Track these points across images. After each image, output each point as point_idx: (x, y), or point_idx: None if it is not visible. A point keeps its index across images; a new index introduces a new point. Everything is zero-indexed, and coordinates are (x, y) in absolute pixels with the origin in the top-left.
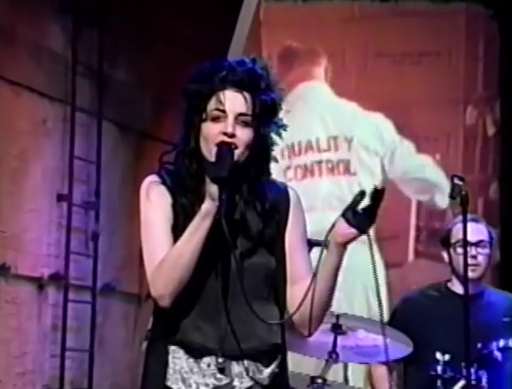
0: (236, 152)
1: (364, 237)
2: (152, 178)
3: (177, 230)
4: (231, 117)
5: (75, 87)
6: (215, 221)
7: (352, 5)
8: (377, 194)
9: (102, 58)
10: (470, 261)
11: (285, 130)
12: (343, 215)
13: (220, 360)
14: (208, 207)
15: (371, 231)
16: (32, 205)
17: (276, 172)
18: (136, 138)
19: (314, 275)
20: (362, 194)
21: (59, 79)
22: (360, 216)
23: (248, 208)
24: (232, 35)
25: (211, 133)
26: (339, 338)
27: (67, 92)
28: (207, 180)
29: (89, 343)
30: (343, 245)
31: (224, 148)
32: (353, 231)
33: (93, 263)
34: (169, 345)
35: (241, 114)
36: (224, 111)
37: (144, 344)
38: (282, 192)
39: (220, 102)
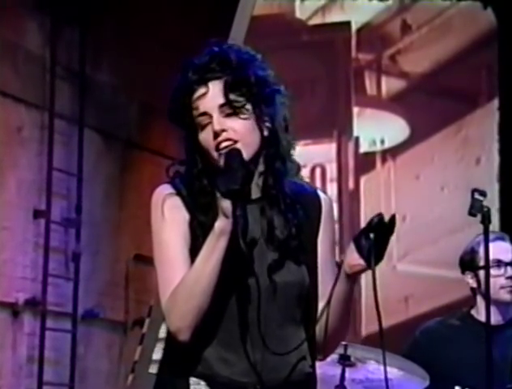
0: (239, 146)
1: None
2: (166, 189)
3: (197, 252)
4: (215, 115)
5: (54, 91)
6: (231, 239)
7: None
8: (391, 224)
9: (84, 59)
10: (506, 283)
11: (286, 97)
12: (356, 240)
13: None
14: (222, 225)
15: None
16: (6, 222)
17: None
18: (122, 148)
19: (328, 302)
20: (380, 218)
21: (36, 82)
22: (372, 247)
23: (273, 211)
24: (228, 32)
25: (207, 142)
26: (348, 370)
27: (45, 97)
28: (218, 195)
29: (69, 376)
30: (351, 277)
31: (232, 154)
32: (361, 263)
33: (74, 287)
34: (190, 378)
35: (222, 105)
36: (204, 113)
37: (130, 378)
38: (312, 196)
39: (196, 107)
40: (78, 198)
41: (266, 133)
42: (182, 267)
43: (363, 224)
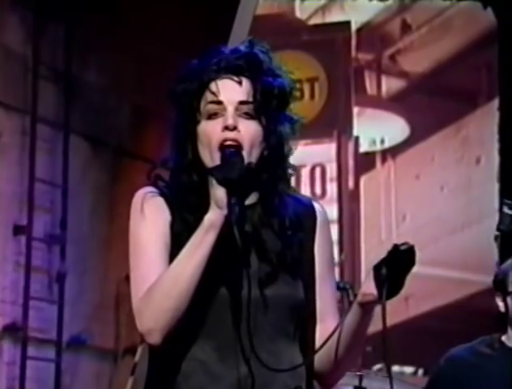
0: (244, 152)
1: None
2: (147, 190)
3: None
4: (230, 108)
5: (37, 93)
6: (221, 235)
7: None
8: (410, 256)
9: (70, 58)
10: None
11: (298, 125)
12: (376, 267)
13: None
14: (213, 217)
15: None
16: None
17: None
18: (112, 156)
19: (340, 323)
20: (396, 248)
21: (17, 82)
22: (391, 278)
23: (263, 225)
24: (229, 29)
25: (211, 132)
26: None
27: (27, 100)
28: (213, 184)
29: None
30: (364, 307)
31: (230, 150)
32: (373, 294)
33: (58, 311)
34: None
35: (241, 103)
36: (220, 102)
37: None
38: (306, 207)
39: (214, 93)
40: (64, 212)
41: (266, 153)
42: (160, 267)
43: (363, 224)
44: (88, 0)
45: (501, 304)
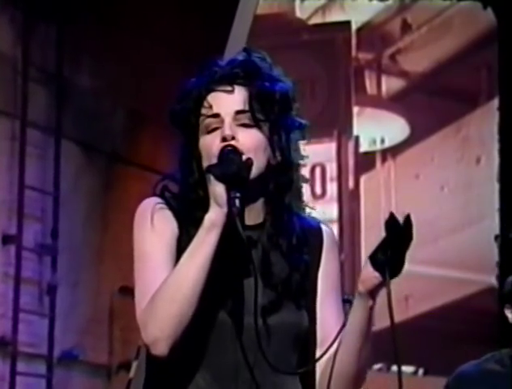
0: (244, 157)
1: None
2: (156, 200)
3: None
4: (227, 119)
5: (27, 97)
6: (223, 237)
7: None
8: (407, 226)
9: (61, 59)
10: None
11: (306, 129)
12: (371, 256)
13: None
14: (213, 215)
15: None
16: None
17: None
18: (105, 162)
19: (343, 325)
20: (394, 220)
21: (6, 85)
22: (389, 257)
23: (272, 247)
24: (229, 29)
25: (210, 145)
26: None
27: (16, 103)
28: (211, 181)
29: None
30: (368, 295)
31: (227, 149)
32: (376, 276)
33: (49, 325)
34: None
35: (238, 112)
36: (216, 115)
37: None
38: (313, 229)
39: (208, 106)
40: (55, 221)
41: (274, 161)
42: (165, 274)
43: (363, 224)
44: (81, 0)
45: (510, 316)
